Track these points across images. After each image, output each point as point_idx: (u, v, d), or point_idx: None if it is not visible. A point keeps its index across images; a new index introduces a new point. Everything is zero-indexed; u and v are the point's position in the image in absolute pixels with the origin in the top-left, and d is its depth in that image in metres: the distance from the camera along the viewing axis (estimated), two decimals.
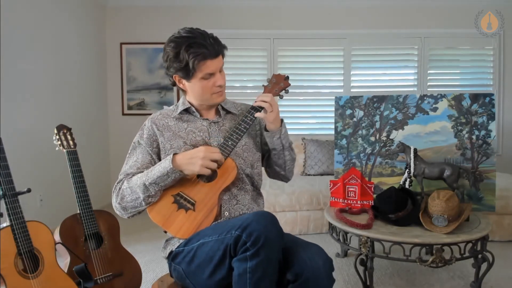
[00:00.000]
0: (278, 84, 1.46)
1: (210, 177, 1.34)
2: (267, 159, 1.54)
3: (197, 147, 1.34)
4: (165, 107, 1.52)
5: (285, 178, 1.57)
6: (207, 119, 1.44)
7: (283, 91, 1.47)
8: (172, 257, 1.34)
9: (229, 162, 1.34)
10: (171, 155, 1.27)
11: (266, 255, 1.07)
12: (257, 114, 1.37)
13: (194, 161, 1.25)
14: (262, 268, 1.07)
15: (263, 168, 1.56)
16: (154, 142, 1.40)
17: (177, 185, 1.32)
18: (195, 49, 1.26)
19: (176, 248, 1.32)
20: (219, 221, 1.33)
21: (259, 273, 1.07)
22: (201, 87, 1.35)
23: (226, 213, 1.35)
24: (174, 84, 1.41)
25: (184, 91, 1.44)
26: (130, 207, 1.33)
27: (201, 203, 1.31)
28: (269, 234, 1.08)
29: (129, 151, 1.43)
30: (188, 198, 1.31)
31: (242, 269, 1.08)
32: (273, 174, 1.57)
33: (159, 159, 1.39)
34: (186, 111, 1.44)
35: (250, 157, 1.44)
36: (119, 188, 1.34)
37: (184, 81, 1.36)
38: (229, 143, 1.34)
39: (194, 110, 1.43)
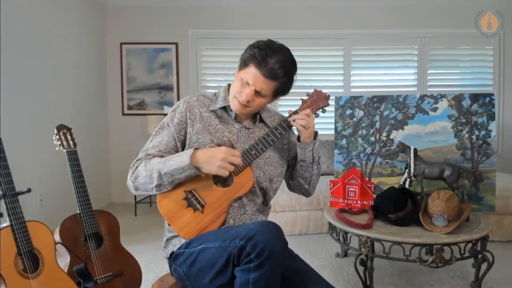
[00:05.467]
0: (317, 102, 1.40)
1: (225, 182, 1.33)
2: (291, 170, 1.50)
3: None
4: (205, 92, 1.46)
5: (307, 193, 1.53)
6: (240, 122, 1.41)
7: (320, 110, 1.42)
8: (173, 258, 1.33)
9: (248, 172, 1.32)
10: (192, 150, 1.25)
11: (269, 267, 1.07)
12: (295, 122, 1.35)
13: (213, 160, 1.23)
14: (265, 280, 1.07)
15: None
16: (182, 129, 1.37)
17: (192, 182, 1.31)
18: (256, 51, 1.26)
19: (177, 249, 1.32)
20: (222, 227, 1.31)
21: (261, 285, 1.07)
22: (234, 84, 1.34)
23: (231, 221, 1.33)
24: None
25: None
26: (142, 188, 1.32)
27: (211, 206, 1.29)
28: (274, 247, 1.07)
29: (157, 129, 1.41)
30: (199, 198, 1.30)
31: (245, 279, 1.08)
32: (295, 187, 1.53)
33: (183, 148, 1.37)
34: (224, 108, 1.41)
35: (271, 171, 1.41)
36: (136, 167, 1.33)
37: (238, 69, 1.35)
38: (253, 152, 1.32)
39: (232, 109, 1.39)
